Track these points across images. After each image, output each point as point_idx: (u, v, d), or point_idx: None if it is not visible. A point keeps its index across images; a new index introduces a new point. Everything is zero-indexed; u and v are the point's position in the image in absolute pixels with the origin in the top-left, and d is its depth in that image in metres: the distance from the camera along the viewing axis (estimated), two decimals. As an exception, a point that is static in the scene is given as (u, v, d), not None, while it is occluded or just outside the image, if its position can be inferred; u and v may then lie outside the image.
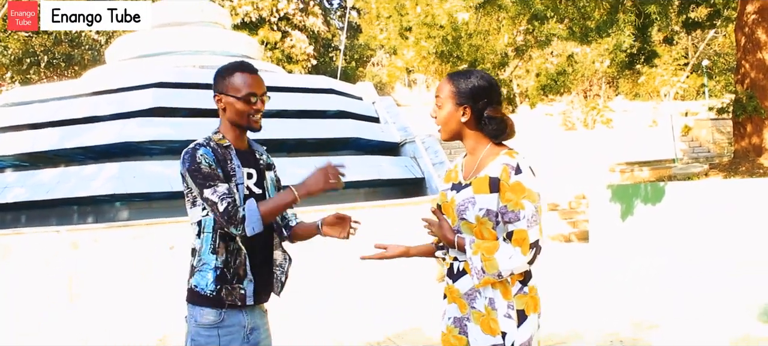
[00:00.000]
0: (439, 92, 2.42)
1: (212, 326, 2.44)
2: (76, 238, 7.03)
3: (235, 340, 2.47)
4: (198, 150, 2.43)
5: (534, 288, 2.34)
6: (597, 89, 32.35)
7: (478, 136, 2.38)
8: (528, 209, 2.20)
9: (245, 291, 2.47)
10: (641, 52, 11.13)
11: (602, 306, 6.87)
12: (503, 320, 2.25)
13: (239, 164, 2.50)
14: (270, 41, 28.14)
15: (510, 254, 2.20)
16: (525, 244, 2.19)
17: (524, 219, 2.20)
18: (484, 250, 2.24)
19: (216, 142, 2.51)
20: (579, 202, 15.40)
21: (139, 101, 9.24)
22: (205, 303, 2.44)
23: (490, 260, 2.21)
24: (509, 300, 2.26)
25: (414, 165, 10.26)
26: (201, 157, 2.40)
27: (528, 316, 2.27)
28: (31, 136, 9.11)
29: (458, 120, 2.37)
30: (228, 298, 2.44)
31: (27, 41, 27.20)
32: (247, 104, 2.50)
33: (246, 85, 2.50)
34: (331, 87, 11.75)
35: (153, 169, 8.18)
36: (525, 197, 2.20)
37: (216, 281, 2.44)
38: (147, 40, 12.22)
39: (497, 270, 2.20)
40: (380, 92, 20.36)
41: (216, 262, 2.44)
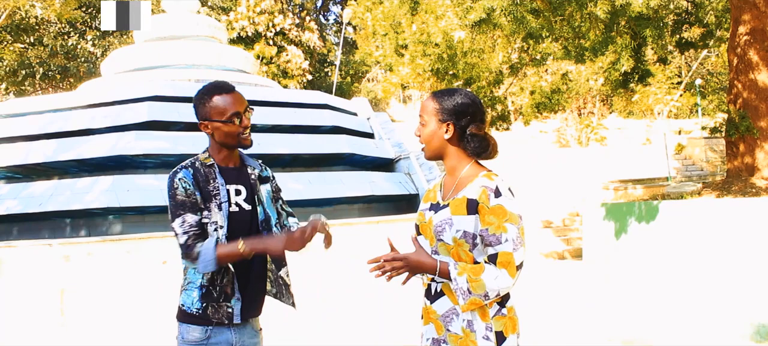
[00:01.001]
0: (422, 111, 2.43)
1: (197, 343, 2.44)
2: (69, 251, 7.00)
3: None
4: (177, 174, 2.44)
5: (512, 309, 2.33)
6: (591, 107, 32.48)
7: (460, 155, 2.39)
8: (511, 231, 2.19)
9: (232, 309, 2.47)
10: (635, 71, 11.19)
11: (595, 324, 6.86)
12: (482, 342, 2.23)
13: (223, 183, 2.49)
14: (266, 56, 28.20)
15: (495, 275, 2.18)
16: (511, 266, 2.18)
17: (509, 242, 2.19)
18: (470, 272, 2.22)
19: (201, 161, 2.51)
20: (573, 219, 15.41)
21: (134, 114, 9.24)
22: (191, 321, 2.45)
23: (477, 281, 2.19)
24: (487, 322, 2.24)
25: (408, 181, 10.28)
26: (178, 182, 2.42)
27: (507, 337, 2.26)
28: (25, 148, 9.09)
29: (441, 137, 2.37)
30: (214, 316, 2.44)
31: (22, 53, 27.20)
32: (234, 125, 2.49)
33: (229, 105, 2.49)
34: (326, 102, 11.78)
35: (147, 183, 8.17)
36: (507, 220, 2.19)
37: (201, 299, 2.44)
38: (143, 54, 12.25)
39: (484, 291, 2.19)
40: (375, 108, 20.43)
41: (201, 280, 2.45)
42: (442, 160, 2.44)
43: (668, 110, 27.07)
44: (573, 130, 26.75)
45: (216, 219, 2.44)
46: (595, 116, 30.75)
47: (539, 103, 11.22)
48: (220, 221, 2.44)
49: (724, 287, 8.47)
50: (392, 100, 33.30)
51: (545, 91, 11.30)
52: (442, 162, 2.45)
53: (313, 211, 9.01)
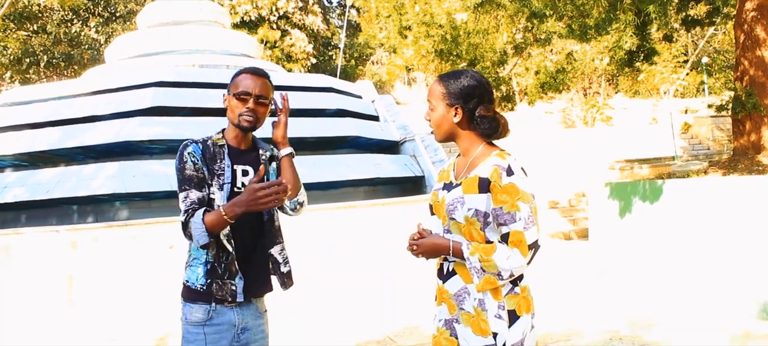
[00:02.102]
0: (430, 95, 2.43)
1: (200, 323, 2.45)
2: (76, 237, 7.04)
3: (223, 339, 2.46)
4: (188, 148, 2.47)
5: (526, 288, 2.32)
6: (597, 87, 32.34)
7: (471, 137, 2.38)
8: (523, 210, 2.19)
9: (236, 287, 2.47)
10: (641, 50, 11.11)
11: (601, 304, 6.87)
12: (494, 321, 2.23)
13: (229, 164, 2.51)
14: (269, 40, 28.14)
15: (508, 255, 2.18)
16: (523, 245, 2.18)
17: (520, 221, 2.18)
18: (481, 251, 2.22)
19: (213, 140, 2.53)
20: (579, 199, 15.39)
21: (139, 100, 9.25)
22: (196, 298, 2.45)
23: (489, 260, 2.20)
24: (500, 300, 2.24)
25: (413, 163, 10.27)
26: (187, 156, 2.45)
27: (520, 316, 2.25)
28: (31, 136, 9.12)
29: (450, 121, 2.37)
30: (218, 293, 2.45)
31: (27, 41, 27.22)
32: (238, 101, 2.51)
33: (243, 84, 2.52)
34: (330, 86, 11.76)
35: (153, 169, 8.19)
36: (519, 199, 2.19)
37: (206, 276, 2.45)
38: (146, 40, 12.23)
39: (496, 270, 2.19)
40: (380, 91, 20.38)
41: (206, 256, 2.46)
42: (454, 142, 2.44)
43: (674, 89, 26.92)
44: (578, 110, 26.65)
45: (217, 199, 2.45)
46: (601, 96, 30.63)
47: (544, 83, 11.16)
48: (220, 201, 2.45)
49: (730, 265, 8.46)
50: (397, 83, 33.22)
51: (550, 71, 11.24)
52: (455, 143, 2.44)
53: (319, 194, 9.04)
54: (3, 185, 8.42)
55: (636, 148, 19.30)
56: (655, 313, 6.27)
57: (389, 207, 8.43)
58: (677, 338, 5.36)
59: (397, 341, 5.79)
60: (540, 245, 2.24)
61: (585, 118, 25.77)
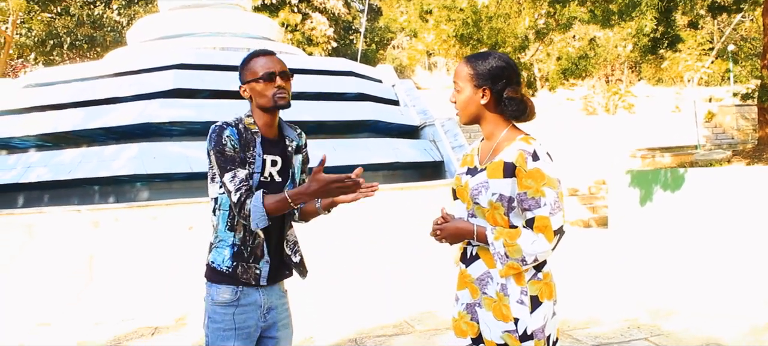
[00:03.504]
0: (456, 77, 2.39)
1: (228, 304, 2.45)
2: (97, 217, 7.12)
3: (250, 319, 2.48)
4: (225, 130, 2.43)
5: (549, 274, 2.31)
6: (619, 74, 31.99)
7: (497, 120, 2.35)
8: (549, 195, 2.16)
9: (261, 271, 2.48)
10: (665, 37, 10.96)
11: (620, 292, 6.83)
12: (516, 306, 2.22)
13: (261, 153, 2.48)
14: (290, 23, 28.12)
15: (532, 240, 2.17)
16: (548, 231, 2.16)
17: (546, 206, 2.16)
18: (506, 236, 2.21)
19: (245, 125, 2.50)
20: (599, 187, 15.28)
21: (160, 82, 9.30)
22: (221, 280, 2.46)
23: (513, 245, 2.18)
24: (522, 286, 2.23)
25: (433, 148, 10.24)
26: (226, 139, 2.41)
27: (542, 302, 2.24)
28: (54, 117, 9.21)
29: (477, 103, 2.34)
30: (243, 276, 2.45)
31: (50, 23, 27.47)
32: (267, 82, 2.47)
33: (262, 66, 2.49)
34: (351, 70, 11.73)
35: (173, 150, 8.24)
36: (545, 184, 2.17)
37: (232, 258, 2.46)
38: (168, 22, 12.28)
39: (521, 255, 2.18)
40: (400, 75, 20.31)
41: (233, 239, 2.46)
42: (478, 125, 2.41)
43: (699, 77, 26.55)
44: (600, 97, 26.36)
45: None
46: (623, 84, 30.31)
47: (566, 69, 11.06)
48: None
49: (752, 255, 8.36)
50: (417, 68, 33.11)
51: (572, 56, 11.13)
52: (479, 127, 2.42)
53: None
54: (27, 165, 8.52)
55: (658, 137, 19.07)
56: (675, 302, 6.21)
57: (408, 192, 8.41)
58: (697, 327, 5.31)
59: (414, 326, 5.80)
60: (565, 232, 2.22)
61: (606, 105, 25.50)
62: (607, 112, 25.12)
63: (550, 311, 2.27)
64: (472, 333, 2.39)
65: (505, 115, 2.34)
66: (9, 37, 24.78)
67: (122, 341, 5.82)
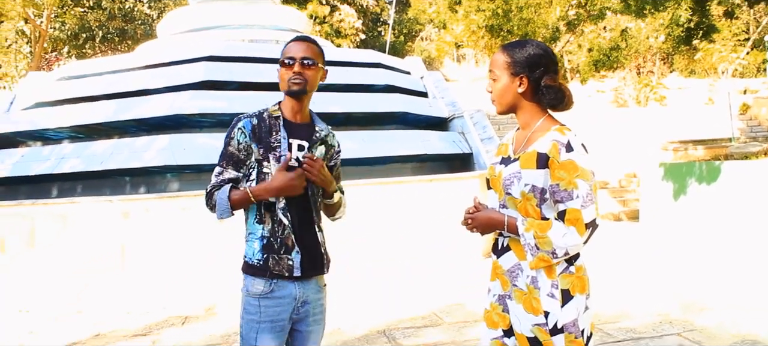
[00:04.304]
0: (493, 65, 2.35)
1: (261, 296, 2.46)
2: (128, 207, 7.20)
3: (284, 311, 2.48)
4: (238, 123, 2.49)
5: (581, 268, 2.26)
6: (650, 66, 31.48)
7: (534, 109, 2.32)
8: (582, 188, 2.12)
9: (293, 262, 2.47)
10: (699, 27, 10.75)
11: (652, 286, 6.73)
12: (546, 299, 2.19)
13: (285, 136, 2.49)
14: (318, 15, 28.14)
15: (563, 232, 2.13)
16: (579, 223, 2.12)
17: (578, 198, 2.12)
18: (536, 227, 2.17)
19: (269, 113, 2.53)
20: (629, 180, 15.08)
21: (190, 75, 9.38)
22: (254, 273, 2.47)
23: (544, 237, 2.15)
24: (553, 279, 2.19)
25: (462, 140, 10.18)
26: (236, 133, 2.48)
27: (573, 296, 2.20)
28: (87, 109, 9.33)
29: (514, 91, 2.30)
30: (275, 268, 2.45)
31: (83, 17, 27.86)
32: (285, 67, 2.51)
33: (288, 51, 2.53)
34: (379, 61, 11.71)
35: (203, 142, 8.30)
36: (578, 176, 2.12)
37: (262, 251, 2.46)
38: (197, 15, 12.37)
39: (551, 248, 2.14)
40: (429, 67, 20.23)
41: (262, 231, 2.47)
42: (513, 114, 2.38)
43: (733, 69, 26.01)
44: (631, 89, 25.97)
45: (273, 172, 2.45)
46: (655, 75, 29.81)
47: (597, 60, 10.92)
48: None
49: (789, 250, 8.18)
50: (446, 60, 32.92)
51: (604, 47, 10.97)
52: (515, 116, 2.38)
53: (366, 170, 9.04)
54: (60, 156, 8.65)
55: (690, 129, 18.74)
56: (708, 296, 6.10)
57: (437, 183, 8.37)
58: (731, 322, 5.21)
59: (443, 318, 5.78)
60: (598, 225, 2.17)
61: (638, 97, 25.10)
62: (638, 104, 24.74)
63: (583, 305, 2.22)
64: (504, 325, 2.37)
65: (543, 104, 2.30)
66: (43, 31, 25.18)
67: (153, 330, 5.88)
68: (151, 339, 5.57)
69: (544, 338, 2.20)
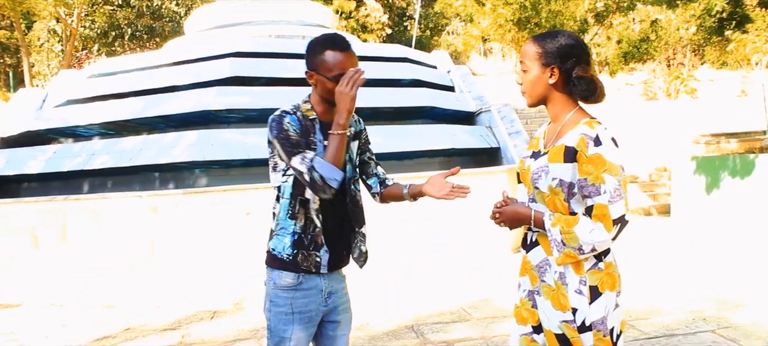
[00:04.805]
0: (523, 56, 2.31)
1: (290, 288, 2.48)
2: (157, 203, 7.26)
3: (312, 302, 2.51)
4: (285, 118, 2.43)
5: (611, 264, 2.22)
6: (681, 58, 30.97)
7: (565, 101, 2.27)
8: (609, 183, 2.08)
9: (321, 259, 2.49)
10: (733, 17, 10.51)
11: (684, 283, 6.61)
12: (574, 296, 2.16)
13: (321, 139, 2.48)
14: (344, 10, 28.14)
15: (590, 228, 2.09)
16: (607, 219, 2.08)
17: (606, 193, 2.08)
18: (563, 223, 2.14)
19: (303, 112, 2.50)
20: (660, 174, 14.87)
21: (217, 71, 9.42)
22: (282, 267, 2.48)
23: (570, 233, 2.11)
24: (581, 275, 2.16)
25: (489, 135, 10.10)
26: (288, 125, 2.40)
27: (602, 293, 2.16)
28: (116, 106, 9.43)
29: (545, 83, 2.26)
30: (303, 263, 2.47)
31: (112, 15, 28.21)
32: (333, 83, 2.42)
33: (337, 64, 2.43)
34: (405, 56, 11.66)
35: (230, 137, 8.34)
36: (606, 171, 2.08)
37: (293, 246, 2.47)
38: (224, 11, 12.43)
39: (578, 243, 2.10)
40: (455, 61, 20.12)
41: (294, 227, 2.47)
42: (544, 106, 2.34)
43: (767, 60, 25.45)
44: (661, 82, 25.56)
45: None
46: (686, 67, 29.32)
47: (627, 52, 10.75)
48: None
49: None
50: (472, 54, 32.72)
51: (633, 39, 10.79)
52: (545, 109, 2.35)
53: (394, 164, 9.00)
54: (91, 153, 8.76)
55: (723, 122, 18.38)
56: (743, 293, 5.98)
57: (464, 178, 8.28)
58: (766, 321, 5.09)
59: (472, 313, 5.74)
60: (628, 221, 2.12)
61: (668, 90, 24.70)
62: (669, 97, 24.34)
63: (612, 303, 2.18)
64: (533, 321, 2.35)
65: (574, 96, 2.26)
66: (74, 30, 25.55)
67: (182, 324, 5.93)
68: (181, 333, 5.62)
69: (571, 335, 2.17)
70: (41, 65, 27.82)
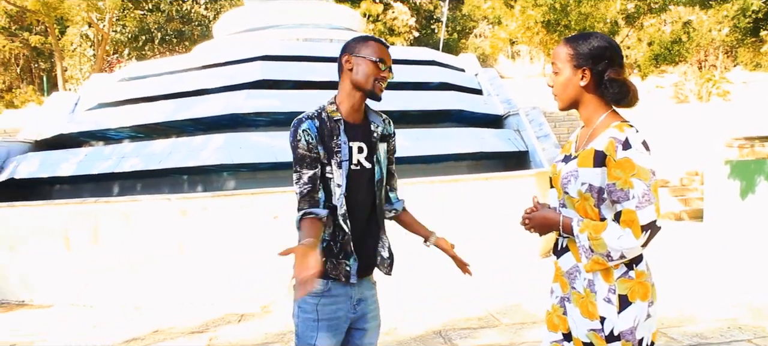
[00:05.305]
0: (555, 57, 2.27)
1: (317, 294, 2.45)
2: (185, 206, 7.30)
3: (341, 309, 2.49)
4: (301, 125, 2.41)
5: (643, 273, 2.15)
6: (713, 59, 30.47)
7: (597, 103, 2.23)
8: (638, 188, 2.02)
9: (350, 268, 2.46)
10: (768, 17, 10.31)
11: (718, 289, 6.47)
12: (602, 304, 2.11)
13: (346, 140, 2.45)
14: (372, 13, 28.17)
15: (619, 235, 2.03)
16: (635, 225, 2.02)
17: (634, 199, 2.02)
18: (591, 229, 2.09)
19: (328, 113, 2.47)
20: (691, 178, 14.62)
21: (246, 74, 9.47)
22: None
23: (598, 239, 2.06)
24: (610, 283, 2.11)
25: (517, 138, 10.02)
26: (301, 135, 2.40)
27: (632, 302, 2.10)
28: (146, 109, 9.52)
29: (577, 85, 2.22)
30: (332, 272, 2.45)
31: (142, 19, 28.57)
32: (376, 68, 2.45)
33: (378, 51, 2.48)
34: (433, 59, 11.62)
35: (258, 140, 8.36)
36: (634, 175, 2.02)
37: (322, 254, 2.43)
38: (252, 15, 12.50)
39: (606, 250, 2.05)
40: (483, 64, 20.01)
41: (323, 235, 2.44)
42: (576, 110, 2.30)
43: (804, 61, 24.91)
44: (692, 84, 25.16)
45: (336, 177, 2.42)
46: (718, 69, 28.83)
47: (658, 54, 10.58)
48: (338, 180, 2.42)
49: None
50: (500, 57, 32.54)
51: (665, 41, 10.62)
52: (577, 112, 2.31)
53: (422, 168, 8.96)
54: (121, 155, 8.85)
55: (757, 125, 18.04)
56: (781, 301, 5.83)
57: (492, 182, 8.24)
58: (806, 329, 4.96)
59: (500, 319, 5.68)
60: (659, 227, 2.05)
61: (699, 92, 24.31)
62: (700, 99, 23.94)
63: (643, 313, 2.12)
64: (564, 328, 2.31)
65: (606, 99, 2.20)
66: (106, 35, 25.92)
67: (210, 327, 5.96)
68: (209, 336, 5.64)
69: (599, 345, 2.12)
70: (74, 69, 28.27)
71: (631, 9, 10.75)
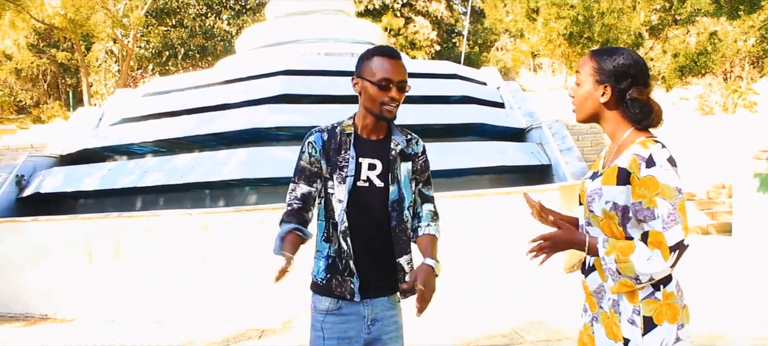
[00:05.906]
0: (580, 68, 2.23)
1: (328, 312, 2.41)
2: (208, 220, 7.31)
3: (352, 328, 2.42)
4: (310, 136, 2.43)
5: (671, 295, 2.06)
6: (739, 70, 30.07)
7: (618, 120, 2.16)
8: (662, 207, 1.94)
9: (354, 286, 2.39)
10: (797, 28, 10.12)
11: (748, 307, 6.31)
12: (626, 326, 2.04)
13: (354, 156, 2.39)
14: (393, 27, 28.25)
15: (647, 256, 1.96)
16: (663, 247, 1.94)
17: (659, 219, 1.94)
18: (618, 250, 2.01)
19: (343, 127, 2.43)
20: (718, 192, 14.38)
21: (268, 89, 9.49)
22: (317, 290, 2.44)
23: (626, 262, 1.98)
24: (635, 304, 2.03)
25: (540, 151, 9.92)
26: (306, 147, 2.41)
27: (658, 325, 2.02)
28: (169, 124, 9.58)
29: (596, 100, 2.16)
30: (337, 289, 2.39)
31: (166, 35, 28.93)
32: (380, 90, 2.36)
33: (382, 69, 2.36)
34: (455, 72, 11.59)
35: (280, 155, 8.36)
36: (658, 194, 1.95)
37: (327, 270, 2.41)
38: (274, 30, 12.57)
39: (634, 273, 1.98)
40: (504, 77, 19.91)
41: (328, 250, 2.41)
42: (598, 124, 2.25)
43: (832, 72, 24.48)
44: (718, 96, 24.82)
45: (337, 193, 2.37)
46: (744, 81, 28.44)
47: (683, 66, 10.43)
48: (340, 195, 2.36)
49: None
50: (522, 69, 32.45)
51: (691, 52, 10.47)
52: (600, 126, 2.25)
53: (444, 182, 8.90)
54: (144, 170, 8.90)
55: (785, 138, 17.75)
56: (814, 318, 5.68)
57: (515, 196, 8.15)
58: (842, 348, 4.81)
59: (524, 336, 5.58)
60: (687, 245, 1.96)
61: (725, 104, 23.98)
62: (726, 111, 23.61)
63: (672, 336, 2.03)
64: (593, 348, 2.24)
65: (627, 117, 2.14)
66: (130, 50, 26.26)
67: (231, 342, 5.93)
68: (230, 352, 5.61)
69: None
70: (99, 85, 28.67)
71: (654, 20, 10.62)
